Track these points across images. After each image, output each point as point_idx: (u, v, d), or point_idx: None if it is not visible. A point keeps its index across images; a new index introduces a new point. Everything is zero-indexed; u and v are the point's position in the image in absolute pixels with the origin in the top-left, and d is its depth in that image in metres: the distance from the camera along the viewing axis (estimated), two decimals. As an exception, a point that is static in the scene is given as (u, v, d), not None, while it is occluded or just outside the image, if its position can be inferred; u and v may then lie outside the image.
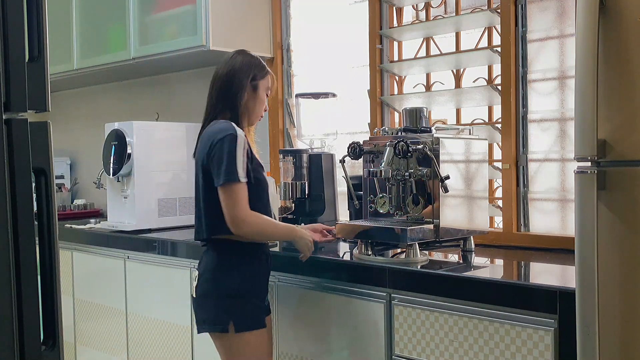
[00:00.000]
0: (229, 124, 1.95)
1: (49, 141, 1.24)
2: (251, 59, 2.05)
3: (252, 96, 2.03)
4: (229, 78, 2.01)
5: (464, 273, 1.88)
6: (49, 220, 1.24)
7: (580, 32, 1.34)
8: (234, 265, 1.97)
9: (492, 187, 2.43)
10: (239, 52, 2.08)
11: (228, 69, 2.02)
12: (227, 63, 2.03)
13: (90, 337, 3.12)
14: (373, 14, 2.70)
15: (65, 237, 3.11)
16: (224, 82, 2.01)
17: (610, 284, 1.36)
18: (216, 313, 1.95)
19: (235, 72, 2.01)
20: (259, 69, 2.05)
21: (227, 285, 1.95)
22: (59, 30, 3.50)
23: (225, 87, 2.01)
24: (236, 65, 2.02)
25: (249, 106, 2.03)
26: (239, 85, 2.00)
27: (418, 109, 2.15)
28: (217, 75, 2.04)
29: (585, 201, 1.35)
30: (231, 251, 1.97)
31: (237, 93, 2.00)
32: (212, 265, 1.97)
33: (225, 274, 1.96)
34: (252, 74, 2.02)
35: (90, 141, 3.99)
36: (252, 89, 2.03)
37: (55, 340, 1.24)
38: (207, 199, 1.95)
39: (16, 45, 1.17)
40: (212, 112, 2.03)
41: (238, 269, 1.97)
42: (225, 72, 2.02)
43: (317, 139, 2.58)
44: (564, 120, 2.23)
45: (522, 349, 1.64)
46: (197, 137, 2.05)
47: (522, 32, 2.30)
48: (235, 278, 1.96)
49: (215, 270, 1.97)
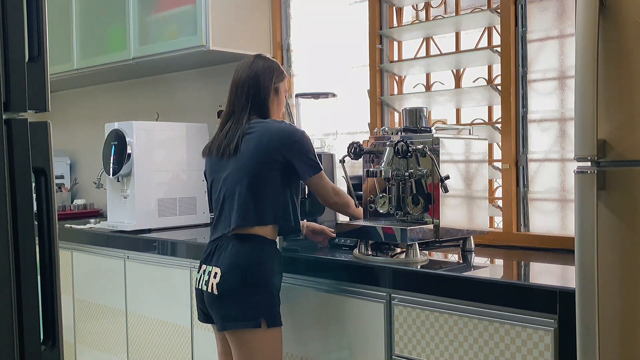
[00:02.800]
0: (287, 123, 2.11)
1: (48, 141, 1.24)
2: (272, 63, 2.16)
3: (275, 98, 2.14)
4: (255, 82, 2.10)
5: (463, 273, 1.87)
6: (49, 220, 1.24)
7: (580, 32, 1.34)
8: (262, 260, 1.99)
9: (492, 187, 2.43)
10: (259, 56, 2.18)
11: (252, 73, 2.11)
12: (250, 67, 2.12)
13: (90, 337, 3.12)
14: (373, 14, 2.70)
15: (65, 237, 3.12)
16: (250, 85, 2.10)
17: (610, 284, 1.36)
18: (245, 308, 1.94)
19: (259, 76, 2.11)
20: (279, 72, 2.16)
21: (256, 280, 1.97)
22: (59, 30, 3.50)
23: (253, 90, 2.10)
24: (259, 70, 2.11)
25: (273, 108, 2.13)
26: (265, 88, 2.11)
27: (418, 109, 2.15)
28: (242, 79, 2.12)
29: (585, 201, 1.35)
30: (258, 245, 2.00)
31: (265, 96, 2.11)
32: (239, 259, 1.97)
33: (255, 268, 1.97)
34: (274, 78, 2.13)
35: (90, 141, 3.99)
36: (274, 92, 2.13)
37: (55, 340, 1.24)
38: (255, 190, 1.99)
39: (16, 45, 1.17)
40: (242, 112, 2.10)
41: (266, 264, 1.99)
42: (251, 76, 2.11)
43: (317, 139, 2.57)
44: (564, 120, 2.23)
45: (522, 349, 1.64)
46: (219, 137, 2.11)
47: (522, 32, 2.30)
48: (264, 272, 1.98)
49: (243, 265, 1.97)
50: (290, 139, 2.02)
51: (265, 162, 2.00)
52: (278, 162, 2.01)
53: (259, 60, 2.15)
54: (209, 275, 2.00)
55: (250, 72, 2.11)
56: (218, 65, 3.32)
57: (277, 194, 2.02)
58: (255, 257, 1.98)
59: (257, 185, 2.00)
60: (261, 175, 2.00)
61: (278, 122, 2.08)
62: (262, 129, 2.04)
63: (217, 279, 1.97)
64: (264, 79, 2.11)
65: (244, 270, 1.96)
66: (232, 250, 1.99)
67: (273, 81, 2.12)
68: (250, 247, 1.99)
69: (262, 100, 2.10)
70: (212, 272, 1.99)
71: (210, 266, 2.02)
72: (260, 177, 2.00)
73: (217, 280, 1.97)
